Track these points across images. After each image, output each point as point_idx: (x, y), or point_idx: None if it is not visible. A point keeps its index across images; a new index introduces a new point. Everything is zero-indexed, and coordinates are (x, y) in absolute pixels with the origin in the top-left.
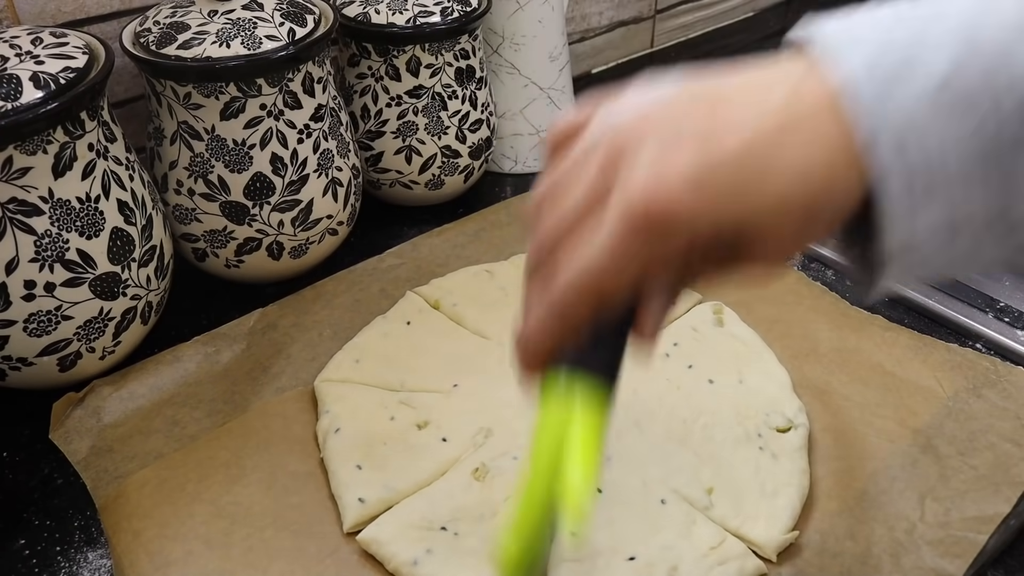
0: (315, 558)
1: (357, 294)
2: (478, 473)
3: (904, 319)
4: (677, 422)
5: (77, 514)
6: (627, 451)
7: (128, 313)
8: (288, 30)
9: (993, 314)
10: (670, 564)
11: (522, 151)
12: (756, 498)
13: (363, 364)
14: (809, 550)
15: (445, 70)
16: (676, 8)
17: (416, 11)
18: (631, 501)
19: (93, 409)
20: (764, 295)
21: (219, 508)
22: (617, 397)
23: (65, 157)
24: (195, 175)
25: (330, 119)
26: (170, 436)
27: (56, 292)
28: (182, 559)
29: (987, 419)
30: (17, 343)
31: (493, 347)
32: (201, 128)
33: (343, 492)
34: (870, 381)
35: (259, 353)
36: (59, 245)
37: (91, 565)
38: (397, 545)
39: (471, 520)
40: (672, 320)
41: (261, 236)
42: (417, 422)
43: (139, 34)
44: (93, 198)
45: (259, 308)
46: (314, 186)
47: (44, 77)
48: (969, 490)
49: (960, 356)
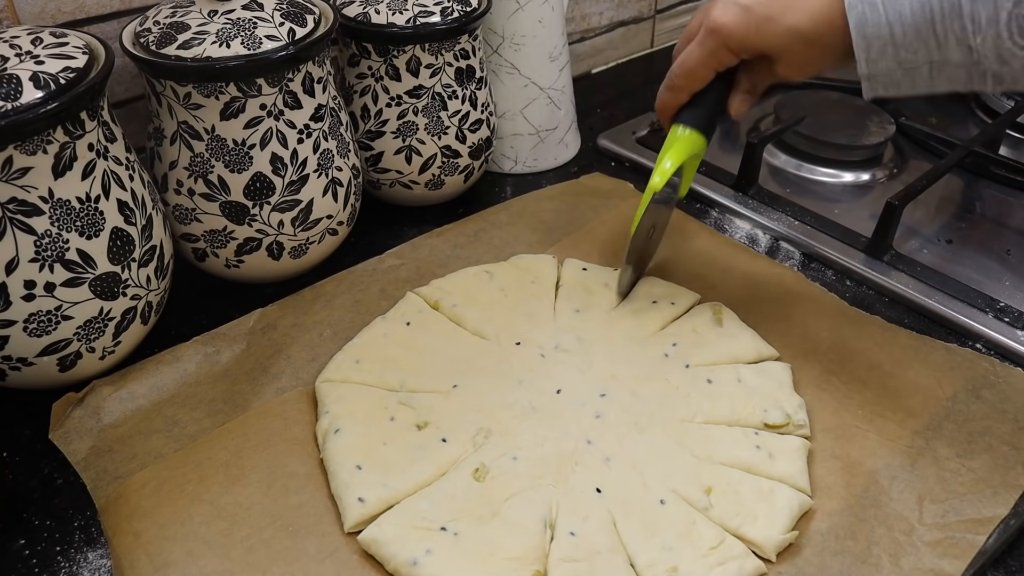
0: (315, 558)
1: (357, 295)
2: (478, 473)
3: (904, 319)
4: (676, 422)
5: (77, 514)
6: (627, 451)
7: (128, 313)
8: (288, 30)
9: (993, 314)
10: (670, 564)
11: (522, 151)
12: (755, 498)
13: (363, 364)
14: (809, 550)
15: (445, 70)
16: (676, 8)
17: (416, 11)
18: (631, 501)
19: (93, 409)
20: (764, 295)
21: (219, 509)
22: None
23: (65, 157)
24: (195, 175)
25: (330, 119)
26: (170, 436)
27: (56, 292)
28: (182, 560)
29: (985, 421)
30: (17, 343)
31: (493, 347)
32: (201, 128)
33: (343, 492)
34: (869, 381)
35: (259, 353)
36: (59, 245)
37: (91, 565)
38: (397, 545)
39: (471, 520)
40: (672, 320)
41: (261, 236)
42: (417, 422)
43: (139, 34)
44: (93, 198)
45: (259, 308)
46: (314, 186)
47: (44, 77)
48: (967, 492)
49: (959, 357)
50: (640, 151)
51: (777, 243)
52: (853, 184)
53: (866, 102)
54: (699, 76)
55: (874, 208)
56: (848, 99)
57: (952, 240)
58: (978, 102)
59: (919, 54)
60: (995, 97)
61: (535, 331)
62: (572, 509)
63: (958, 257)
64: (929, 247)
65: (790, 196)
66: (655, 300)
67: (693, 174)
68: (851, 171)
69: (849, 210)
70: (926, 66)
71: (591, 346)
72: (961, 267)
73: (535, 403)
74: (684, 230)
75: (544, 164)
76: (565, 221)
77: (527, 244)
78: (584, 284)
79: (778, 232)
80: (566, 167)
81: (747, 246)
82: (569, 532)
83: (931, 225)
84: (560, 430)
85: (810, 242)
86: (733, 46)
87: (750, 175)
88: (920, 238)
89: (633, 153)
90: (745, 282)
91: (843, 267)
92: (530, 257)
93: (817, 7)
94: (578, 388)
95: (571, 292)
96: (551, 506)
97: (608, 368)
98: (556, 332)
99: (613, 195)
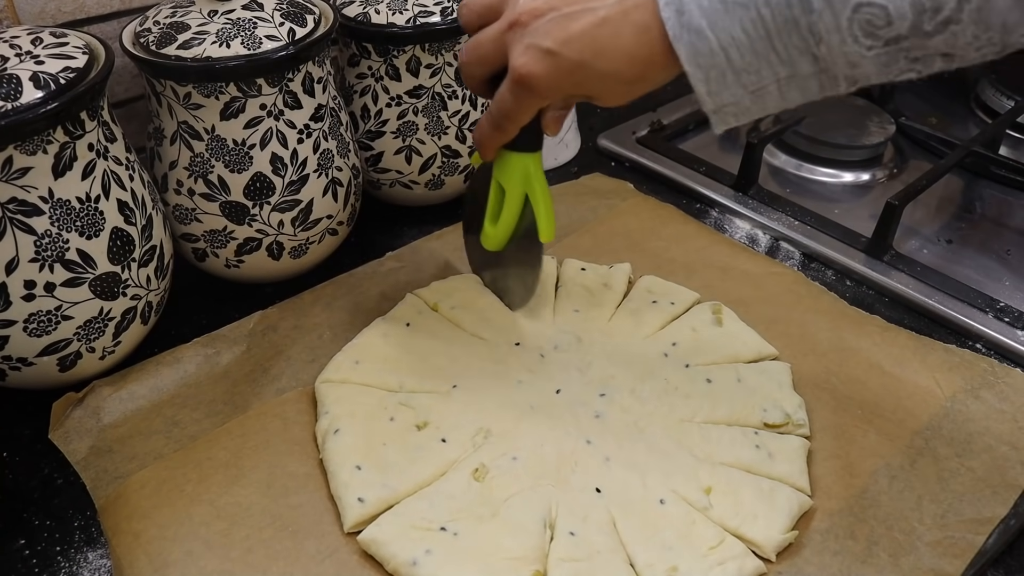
0: (315, 558)
1: (357, 297)
2: (478, 473)
3: (903, 319)
4: (676, 422)
5: (77, 514)
6: (626, 451)
7: (128, 313)
8: (288, 30)
9: (993, 314)
10: (670, 564)
11: None
12: (755, 498)
13: (363, 365)
14: (809, 550)
15: (445, 70)
16: None
17: (416, 11)
18: (631, 501)
19: (93, 409)
20: (764, 295)
21: (218, 509)
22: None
23: (65, 157)
24: (195, 175)
25: (330, 119)
26: (170, 437)
27: (56, 292)
28: (181, 560)
29: (985, 421)
30: (17, 343)
31: (492, 348)
32: (201, 128)
33: (343, 492)
34: (869, 381)
35: (259, 354)
36: (59, 245)
37: (91, 565)
38: (397, 545)
39: (471, 520)
40: (671, 320)
41: (261, 236)
42: (416, 423)
43: (139, 34)
44: (93, 198)
45: (259, 309)
46: (314, 186)
47: (44, 77)
48: (966, 492)
49: (958, 357)
50: (640, 151)
51: (777, 243)
52: (853, 184)
53: (866, 102)
54: (521, 120)
55: (874, 208)
56: (848, 99)
57: (952, 240)
58: (978, 102)
59: (763, 74)
60: (995, 97)
61: (534, 331)
62: (572, 509)
63: (958, 257)
64: (929, 247)
65: (790, 196)
66: (655, 300)
67: (542, 185)
68: (851, 171)
69: (849, 210)
70: (774, 84)
71: (590, 346)
72: (961, 267)
73: (535, 403)
74: (684, 230)
75: (544, 164)
76: (565, 221)
77: None
78: (583, 284)
79: (778, 232)
80: (566, 167)
81: (747, 246)
82: (569, 532)
83: (931, 225)
84: (560, 430)
85: (810, 242)
86: (545, 94)
87: (750, 175)
88: (920, 238)
89: (633, 153)
90: (745, 282)
91: (843, 267)
92: None
93: (633, 48)
94: (577, 388)
95: (570, 292)
96: (551, 506)
97: (607, 368)
98: (555, 332)
99: (613, 195)
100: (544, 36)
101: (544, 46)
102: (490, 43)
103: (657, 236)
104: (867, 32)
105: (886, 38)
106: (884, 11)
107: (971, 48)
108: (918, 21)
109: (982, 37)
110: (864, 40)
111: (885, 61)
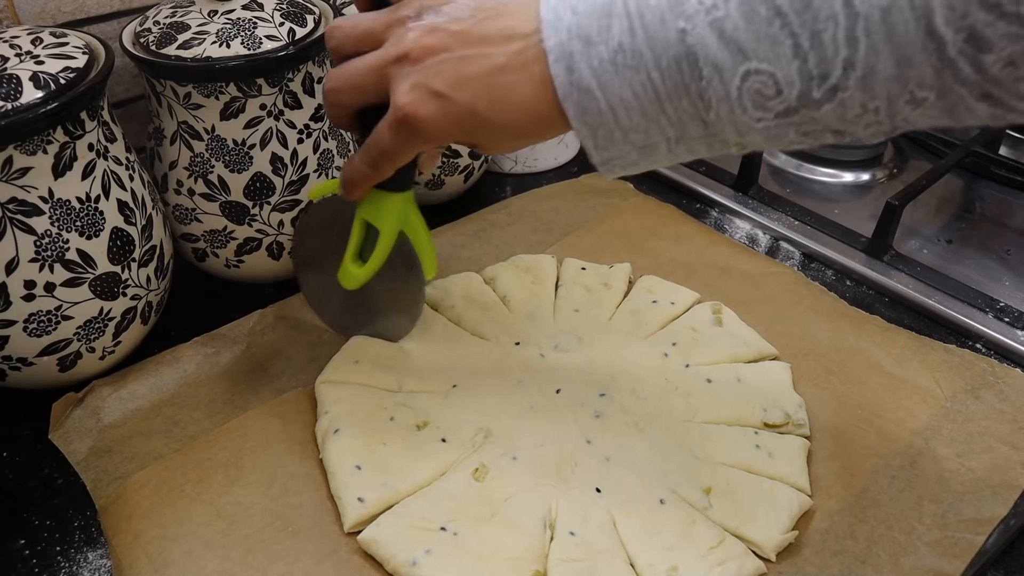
0: (315, 558)
1: None
2: (477, 473)
3: (903, 319)
4: (676, 422)
5: (77, 514)
6: (626, 451)
7: (128, 313)
8: (288, 30)
9: (993, 314)
10: (670, 564)
11: (522, 151)
12: (755, 498)
13: (362, 365)
14: (809, 550)
15: None
16: None
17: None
18: (631, 501)
19: (93, 409)
20: (764, 295)
21: (218, 509)
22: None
23: (65, 157)
24: (195, 175)
25: None
26: (170, 437)
27: (56, 292)
28: (181, 560)
29: (984, 421)
30: (17, 343)
31: (492, 347)
32: (201, 128)
33: (343, 492)
34: (869, 381)
35: (259, 354)
36: (59, 245)
37: (91, 565)
38: (397, 545)
39: (471, 520)
40: (671, 320)
41: (261, 236)
42: (416, 423)
43: (139, 34)
44: (93, 198)
45: (259, 309)
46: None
47: (44, 77)
48: (966, 492)
49: (958, 357)
50: None
51: (777, 243)
52: (853, 184)
53: None
54: (400, 161)
55: (874, 208)
56: None
57: (952, 240)
58: None
59: (652, 134)
60: None
61: (534, 331)
62: (572, 509)
63: (958, 257)
64: (929, 247)
65: (790, 196)
66: (655, 299)
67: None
68: (851, 171)
69: (849, 210)
70: (663, 143)
71: (590, 346)
72: (961, 267)
73: (534, 403)
74: (684, 230)
75: (544, 164)
76: (565, 221)
77: (527, 244)
78: (583, 284)
79: (778, 232)
80: (566, 167)
81: (747, 246)
82: (569, 532)
83: (931, 225)
84: (560, 430)
85: (810, 242)
86: (430, 138)
87: (750, 175)
88: (920, 238)
89: None
90: (745, 282)
91: (843, 267)
92: (530, 257)
93: (530, 101)
94: (577, 388)
95: (570, 292)
96: (551, 506)
97: (607, 368)
98: (555, 332)
99: (613, 194)
100: (435, 77)
101: (434, 87)
102: (369, 73)
103: (657, 236)
104: (757, 103)
105: (776, 111)
106: (772, 79)
107: (860, 124)
108: (806, 89)
109: (869, 107)
110: (754, 112)
111: (775, 133)
